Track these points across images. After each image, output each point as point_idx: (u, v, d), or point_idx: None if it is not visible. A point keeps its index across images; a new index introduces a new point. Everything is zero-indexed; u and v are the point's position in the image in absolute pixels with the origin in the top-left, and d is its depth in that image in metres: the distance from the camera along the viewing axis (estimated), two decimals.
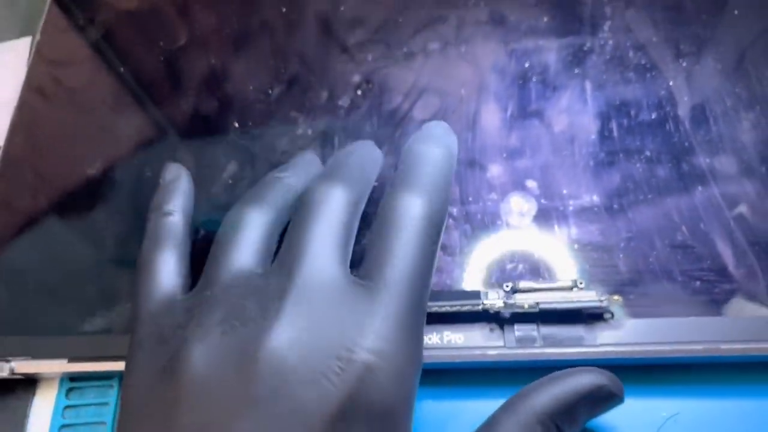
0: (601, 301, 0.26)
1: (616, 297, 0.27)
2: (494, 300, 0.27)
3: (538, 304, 0.27)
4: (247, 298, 0.21)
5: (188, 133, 0.35)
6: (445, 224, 0.24)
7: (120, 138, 0.35)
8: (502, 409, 0.24)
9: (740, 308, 0.27)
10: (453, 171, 0.25)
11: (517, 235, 0.30)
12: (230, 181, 0.33)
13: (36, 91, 0.37)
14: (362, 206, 0.25)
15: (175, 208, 0.27)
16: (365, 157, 0.27)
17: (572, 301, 0.27)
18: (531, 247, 0.30)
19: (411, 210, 0.23)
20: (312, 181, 0.26)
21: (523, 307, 0.27)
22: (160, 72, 0.37)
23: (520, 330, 0.27)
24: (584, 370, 0.24)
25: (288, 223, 0.25)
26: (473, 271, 0.29)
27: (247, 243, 0.24)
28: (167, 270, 0.25)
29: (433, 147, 0.25)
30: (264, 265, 0.24)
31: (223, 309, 0.21)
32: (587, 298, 0.27)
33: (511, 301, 0.27)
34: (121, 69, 0.37)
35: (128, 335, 0.29)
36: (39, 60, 0.38)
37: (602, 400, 0.24)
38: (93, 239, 0.32)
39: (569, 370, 0.24)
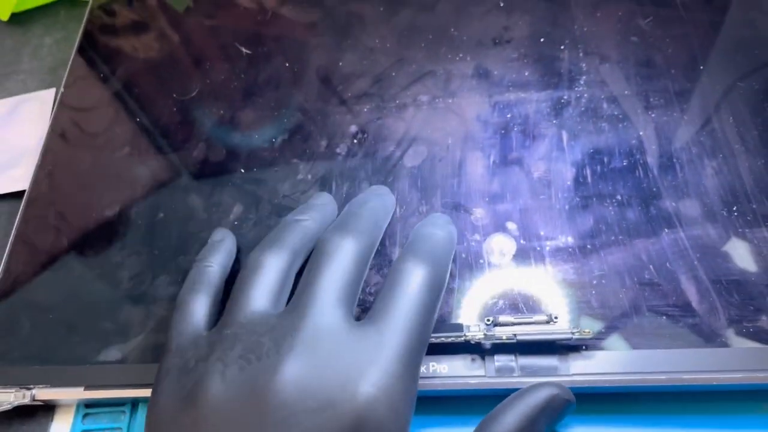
0: (573, 333, 0.29)
1: (587, 330, 0.29)
2: (475, 332, 0.30)
3: (515, 335, 0.29)
4: (263, 335, 0.24)
5: (198, 176, 0.38)
6: (443, 290, 0.28)
7: (136, 181, 0.38)
8: None
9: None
10: (452, 252, 0.30)
11: (497, 272, 0.33)
12: (236, 222, 0.36)
13: (59, 136, 0.41)
14: (372, 253, 0.29)
15: (215, 261, 0.31)
16: (378, 207, 0.31)
17: (546, 333, 0.29)
18: (510, 284, 0.32)
19: (415, 272, 0.27)
20: (327, 231, 0.29)
21: (501, 338, 0.29)
22: (173, 120, 0.40)
23: (499, 360, 0.30)
24: (540, 385, 0.27)
25: (305, 262, 0.29)
26: (457, 306, 0.32)
27: (264, 285, 0.27)
28: (198, 311, 0.28)
29: (437, 230, 0.30)
30: (279, 305, 0.27)
31: (241, 345, 0.24)
32: (560, 330, 0.29)
33: (491, 333, 0.29)
34: (138, 117, 0.41)
35: (141, 365, 0.32)
36: (62, 108, 0.42)
37: (558, 407, 0.27)
38: (109, 276, 0.35)
39: (529, 387, 0.27)
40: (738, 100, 0.36)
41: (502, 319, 0.30)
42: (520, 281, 0.32)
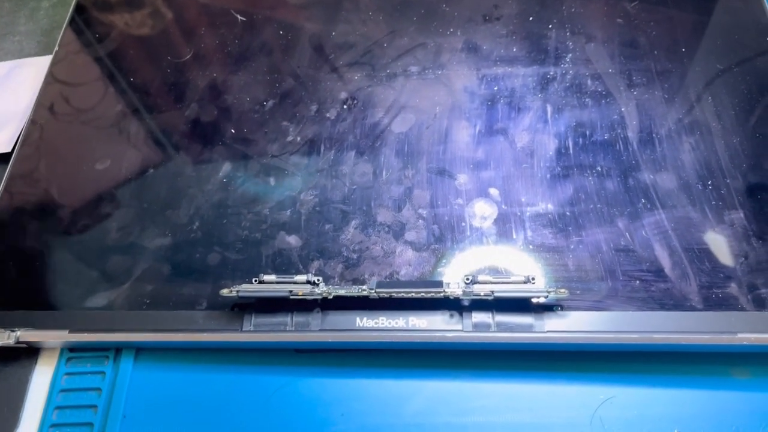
0: (549, 292, 0.30)
1: (562, 290, 0.30)
2: (455, 288, 0.30)
3: (493, 292, 0.30)
4: None
5: (189, 135, 0.39)
6: None
7: (128, 138, 0.39)
8: None
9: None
10: None
11: (478, 235, 0.34)
12: (224, 180, 0.36)
13: (54, 93, 0.41)
14: None
15: None
16: None
17: (523, 291, 0.30)
18: (491, 246, 0.33)
19: None
20: None
21: (479, 295, 0.30)
22: (167, 81, 0.41)
23: (476, 317, 0.31)
24: None
25: None
26: (438, 266, 0.33)
27: None
28: None
29: None
30: None
31: None
32: (536, 289, 0.30)
33: (469, 290, 0.30)
34: (132, 77, 0.41)
35: (126, 312, 0.32)
36: (57, 63, 0.42)
37: None
38: (98, 227, 0.35)
39: None
40: (717, 82, 0.38)
41: (481, 277, 0.31)
42: (500, 244, 0.33)
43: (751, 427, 0.29)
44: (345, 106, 0.39)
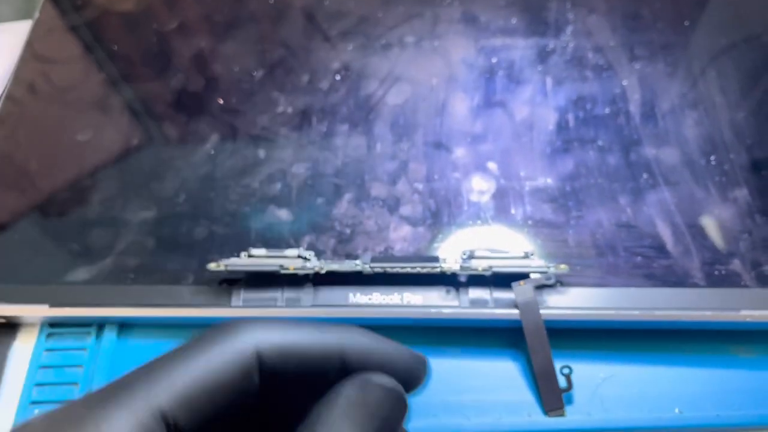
0: (549, 267, 0.29)
1: (562, 266, 0.29)
2: (451, 264, 0.29)
3: (491, 267, 0.29)
4: None
5: (176, 105, 0.37)
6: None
7: (111, 107, 0.37)
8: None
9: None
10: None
11: (476, 210, 0.32)
12: (212, 152, 0.35)
13: (33, 58, 0.39)
14: None
15: None
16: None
17: (522, 267, 0.29)
18: (489, 221, 0.32)
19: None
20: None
21: (477, 270, 0.29)
22: (153, 49, 0.39)
23: (474, 293, 0.30)
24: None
25: None
26: (434, 241, 0.32)
27: None
28: None
29: (380, 381, 0.18)
30: None
31: None
32: (536, 264, 0.29)
33: (466, 265, 0.29)
34: (116, 45, 0.40)
35: (108, 286, 0.31)
36: (37, 32, 0.41)
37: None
38: (79, 199, 0.34)
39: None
40: (723, 56, 0.37)
41: (478, 252, 0.30)
42: (498, 219, 0.32)
43: (753, 405, 0.28)
44: (338, 77, 0.37)
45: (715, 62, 0.36)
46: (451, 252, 0.31)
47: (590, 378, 0.29)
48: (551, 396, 0.28)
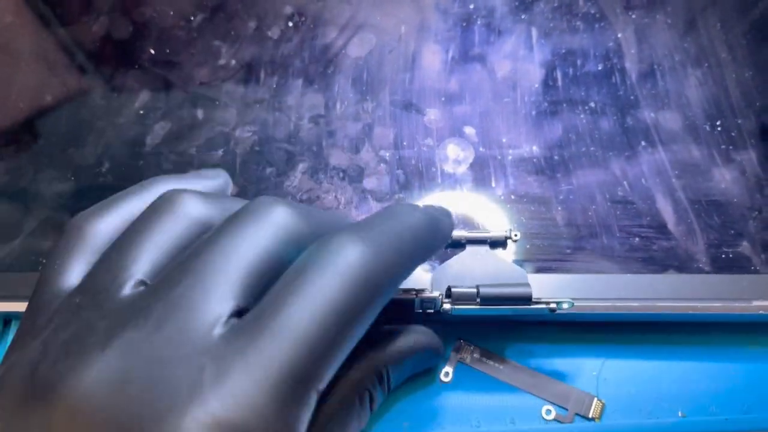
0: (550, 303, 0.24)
1: (565, 305, 0.24)
2: None
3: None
4: (104, 318, 0.16)
5: (97, 55, 0.31)
6: (391, 291, 0.18)
7: (18, 56, 0.31)
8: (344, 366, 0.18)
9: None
10: (428, 248, 0.19)
11: (452, 183, 0.28)
12: (141, 112, 0.29)
13: None
14: (386, 294, 0.18)
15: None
16: (428, 233, 0.20)
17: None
18: (466, 196, 0.28)
19: (341, 253, 0.17)
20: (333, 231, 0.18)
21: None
22: None
23: None
24: (416, 330, 0.22)
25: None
26: None
27: (147, 252, 0.18)
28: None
29: (416, 212, 0.19)
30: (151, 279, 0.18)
31: (75, 326, 0.16)
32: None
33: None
34: None
35: (17, 274, 0.26)
36: None
37: (428, 359, 0.23)
38: None
39: (404, 328, 0.22)
40: (728, 6, 0.32)
41: (455, 233, 0.26)
42: (477, 193, 0.28)
43: (765, 405, 0.25)
44: (290, 24, 0.32)
45: (720, 12, 0.32)
46: None
47: (583, 375, 0.25)
48: None
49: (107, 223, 0.19)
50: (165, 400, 0.14)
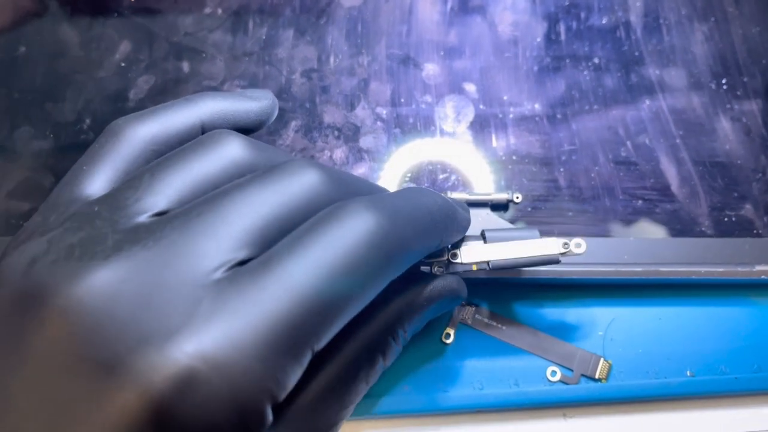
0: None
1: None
2: None
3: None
4: (114, 232, 0.16)
5: (74, 3, 0.29)
6: (401, 265, 0.17)
7: None
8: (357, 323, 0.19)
9: (643, 230, 0.26)
10: (441, 232, 0.19)
11: (451, 142, 0.27)
12: (123, 64, 0.28)
13: None
14: (400, 267, 0.18)
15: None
16: (449, 216, 0.20)
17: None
18: (466, 155, 0.27)
19: (355, 216, 0.16)
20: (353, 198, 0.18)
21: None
22: None
23: None
24: (443, 278, 0.21)
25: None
26: (403, 180, 0.26)
27: (178, 183, 0.18)
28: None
29: (436, 197, 0.19)
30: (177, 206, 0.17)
31: (87, 230, 0.16)
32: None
33: None
34: None
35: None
36: None
37: (449, 302, 0.22)
38: None
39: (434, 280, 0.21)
40: None
41: (455, 195, 0.25)
42: (478, 153, 0.27)
43: None
44: None
45: None
46: None
47: (590, 335, 0.25)
48: None
49: (146, 130, 0.19)
50: (155, 323, 0.14)
